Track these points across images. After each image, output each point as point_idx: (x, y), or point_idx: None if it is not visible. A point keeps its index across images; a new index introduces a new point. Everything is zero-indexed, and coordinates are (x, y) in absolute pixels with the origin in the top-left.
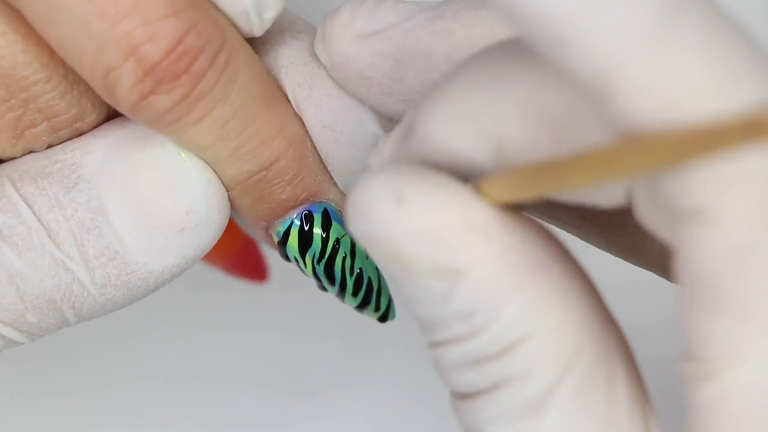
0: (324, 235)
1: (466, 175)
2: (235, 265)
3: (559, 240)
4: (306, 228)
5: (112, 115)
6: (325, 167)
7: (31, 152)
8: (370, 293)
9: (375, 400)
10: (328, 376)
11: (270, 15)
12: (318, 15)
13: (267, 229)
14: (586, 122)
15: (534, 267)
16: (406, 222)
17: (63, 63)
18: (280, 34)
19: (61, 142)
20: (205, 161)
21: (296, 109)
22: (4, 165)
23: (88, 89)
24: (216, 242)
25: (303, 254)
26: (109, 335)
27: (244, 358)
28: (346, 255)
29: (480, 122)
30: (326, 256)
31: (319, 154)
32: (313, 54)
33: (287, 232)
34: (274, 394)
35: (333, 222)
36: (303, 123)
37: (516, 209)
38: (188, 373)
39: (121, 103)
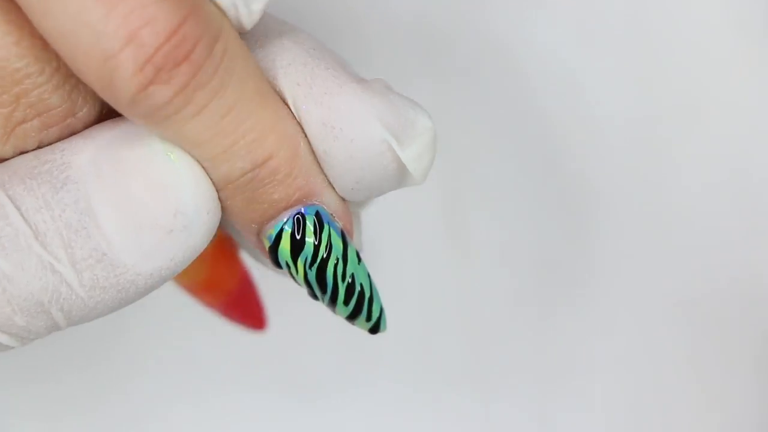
0: (316, 239)
1: None
2: (231, 306)
3: None
4: (298, 230)
5: (103, 113)
6: (320, 169)
7: (21, 153)
8: (361, 301)
9: (376, 403)
10: (329, 378)
11: (258, 6)
12: (320, 22)
13: (258, 234)
14: None
15: None
16: None
17: (56, 56)
18: (279, 38)
19: (51, 141)
20: (198, 159)
21: (294, 109)
22: None
23: (79, 83)
24: (206, 245)
25: (295, 259)
26: (108, 334)
27: (245, 359)
28: (338, 260)
29: None
30: (318, 260)
31: (314, 155)
32: (313, 56)
33: (279, 236)
34: (274, 396)
35: (325, 225)
36: (296, 123)
37: None
38: (188, 374)
39: (120, 94)
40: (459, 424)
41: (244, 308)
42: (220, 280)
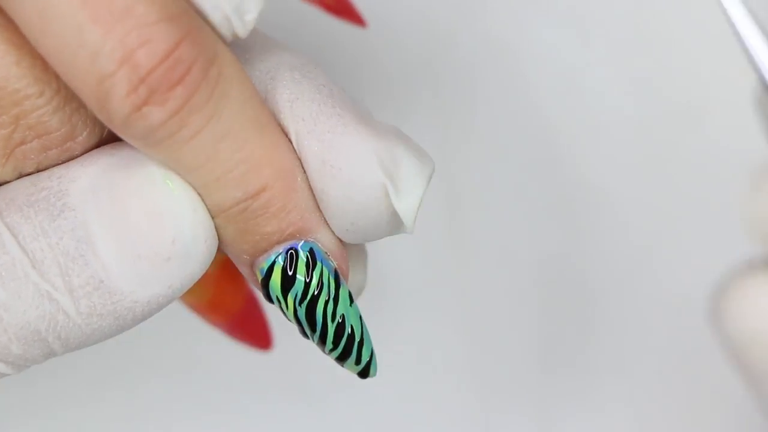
0: (307, 275)
1: None
2: (236, 325)
3: None
4: (290, 265)
5: (104, 137)
6: (316, 206)
7: (20, 176)
8: (351, 343)
9: (377, 403)
10: (331, 379)
11: (251, 17)
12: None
13: (252, 266)
14: None
15: None
16: None
17: (56, 77)
18: (291, 71)
19: (50, 164)
20: (192, 185)
21: (296, 144)
22: None
23: (80, 107)
24: (203, 272)
25: (285, 294)
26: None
27: (247, 360)
28: (328, 299)
29: None
30: (308, 297)
31: (311, 192)
32: (322, 93)
33: (270, 269)
34: (276, 397)
35: (318, 263)
36: (296, 157)
37: None
38: (190, 374)
39: (114, 115)
40: (459, 425)
41: (250, 328)
42: (225, 300)
